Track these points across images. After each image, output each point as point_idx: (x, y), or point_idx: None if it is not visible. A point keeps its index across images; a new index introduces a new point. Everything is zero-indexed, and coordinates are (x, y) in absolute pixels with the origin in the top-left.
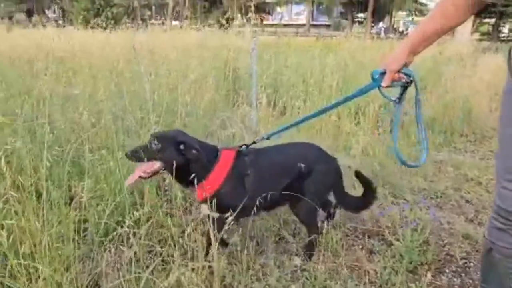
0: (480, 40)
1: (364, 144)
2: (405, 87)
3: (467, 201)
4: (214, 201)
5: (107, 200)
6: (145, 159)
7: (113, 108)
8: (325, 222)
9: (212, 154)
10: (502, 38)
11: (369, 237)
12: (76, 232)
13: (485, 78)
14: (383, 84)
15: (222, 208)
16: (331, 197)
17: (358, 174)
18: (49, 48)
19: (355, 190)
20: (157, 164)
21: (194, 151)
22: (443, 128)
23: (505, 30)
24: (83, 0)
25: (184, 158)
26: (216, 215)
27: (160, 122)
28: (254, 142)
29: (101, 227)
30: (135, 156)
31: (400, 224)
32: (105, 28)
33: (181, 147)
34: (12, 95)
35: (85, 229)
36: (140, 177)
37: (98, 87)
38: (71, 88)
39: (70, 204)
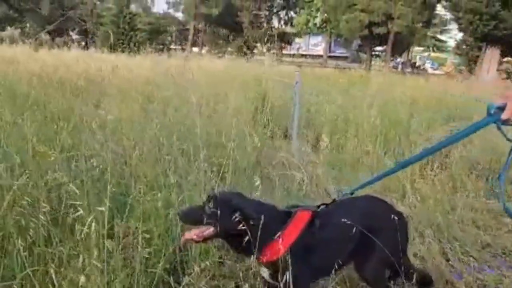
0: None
1: (420, 189)
2: None
3: None
4: (276, 267)
5: (155, 245)
6: (197, 223)
7: (157, 142)
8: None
9: (277, 218)
10: None
11: None
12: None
13: None
14: (504, 116)
15: (283, 277)
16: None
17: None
18: (77, 69)
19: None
20: (210, 230)
21: (251, 221)
22: (488, 173)
23: None
24: (108, 23)
25: (239, 227)
26: (275, 283)
27: (210, 159)
28: (334, 200)
29: (148, 278)
30: (187, 218)
31: (476, 286)
32: (129, 52)
33: (236, 215)
34: (47, 119)
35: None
36: (192, 239)
37: (134, 112)
38: (104, 111)
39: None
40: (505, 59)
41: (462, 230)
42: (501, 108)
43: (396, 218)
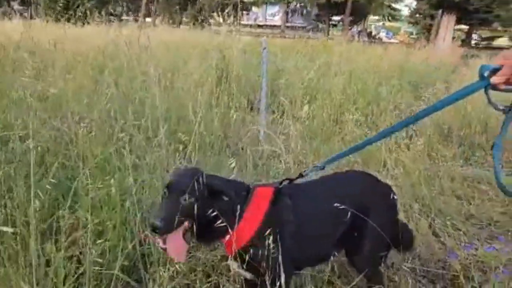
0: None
1: (399, 159)
2: None
3: None
4: (245, 257)
5: (107, 240)
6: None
7: (108, 117)
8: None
9: (242, 194)
10: (480, 46)
11: (433, 282)
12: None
13: None
14: (494, 79)
15: (255, 268)
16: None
17: None
18: (18, 40)
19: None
20: (185, 224)
21: (225, 198)
22: (461, 140)
23: (475, 36)
24: None
25: (213, 208)
26: (248, 275)
27: (171, 135)
28: (301, 175)
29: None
30: (171, 223)
31: (473, 265)
32: (76, 23)
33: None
34: None
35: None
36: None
37: (83, 84)
38: (47, 85)
39: (56, 242)
40: (456, 26)
41: (444, 202)
42: (497, 71)
43: (388, 193)
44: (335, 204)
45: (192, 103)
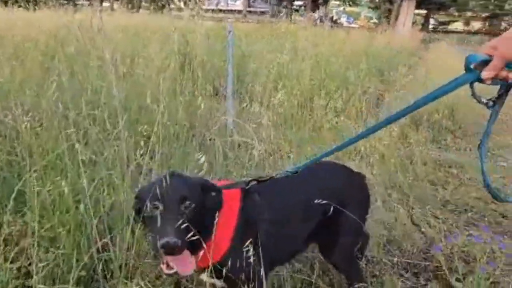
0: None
1: (374, 146)
2: (508, 87)
3: (503, 216)
4: (222, 268)
5: (61, 246)
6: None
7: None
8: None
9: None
10: (438, 30)
11: (416, 274)
12: None
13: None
14: (484, 74)
15: (232, 279)
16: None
17: None
18: None
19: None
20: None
21: (213, 193)
22: (429, 125)
23: (432, 21)
24: None
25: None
26: (220, 284)
27: (131, 126)
28: (272, 177)
29: None
30: (185, 237)
31: (455, 255)
32: (26, 6)
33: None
34: None
35: None
36: None
37: (32, 73)
38: None
39: None
40: (415, 11)
41: (419, 187)
42: (485, 62)
43: (363, 185)
44: (309, 198)
45: (153, 90)
